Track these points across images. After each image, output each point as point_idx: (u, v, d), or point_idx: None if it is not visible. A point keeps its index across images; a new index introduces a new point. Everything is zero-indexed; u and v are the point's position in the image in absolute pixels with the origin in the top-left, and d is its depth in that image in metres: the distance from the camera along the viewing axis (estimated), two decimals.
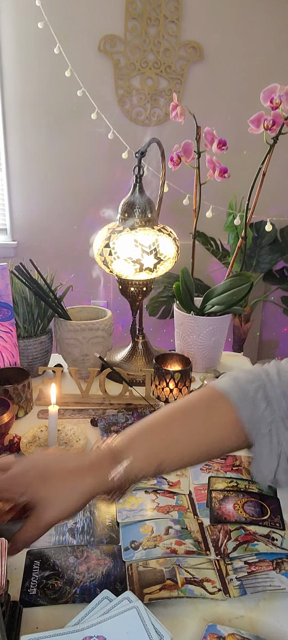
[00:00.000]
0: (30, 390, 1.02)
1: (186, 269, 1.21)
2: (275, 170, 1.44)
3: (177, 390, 1.04)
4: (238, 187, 1.88)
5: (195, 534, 0.70)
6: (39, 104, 2.49)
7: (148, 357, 1.21)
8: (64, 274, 1.30)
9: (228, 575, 0.63)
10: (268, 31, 2.44)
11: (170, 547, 0.67)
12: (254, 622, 0.58)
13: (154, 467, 0.61)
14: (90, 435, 0.94)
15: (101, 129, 2.35)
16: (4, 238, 2.68)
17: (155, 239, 1.05)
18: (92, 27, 2.39)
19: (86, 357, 1.12)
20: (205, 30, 2.42)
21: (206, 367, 1.21)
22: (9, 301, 1.06)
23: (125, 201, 1.09)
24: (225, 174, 1.18)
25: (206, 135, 1.19)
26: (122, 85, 2.47)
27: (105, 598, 0.57)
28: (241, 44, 2.46)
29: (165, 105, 2.51)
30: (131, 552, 0.66)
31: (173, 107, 1.22)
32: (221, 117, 2.48)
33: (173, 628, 0.56)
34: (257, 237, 2.48)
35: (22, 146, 2.55)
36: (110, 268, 1.08)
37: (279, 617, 0.59)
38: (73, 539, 0.69)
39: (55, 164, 2.59)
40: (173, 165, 1.21)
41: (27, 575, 0.63)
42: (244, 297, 1.16)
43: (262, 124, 1.11)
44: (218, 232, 2.41)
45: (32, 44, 2.39)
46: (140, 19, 2.38)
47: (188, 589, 0.61)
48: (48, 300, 1.12)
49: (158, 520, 0.72)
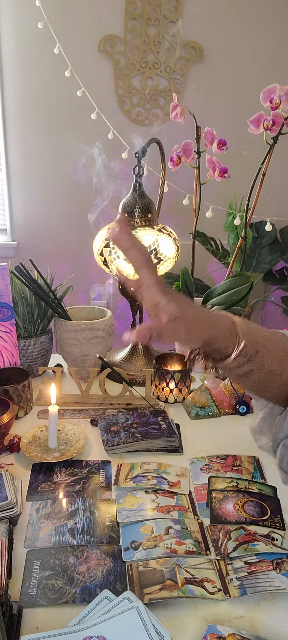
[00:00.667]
0: (30, 390, 1.02)
1: (186, 269, 1.21)
2: (275, 170, 1.44)
3: (177, 390, 1.04)
4: (238, 187, 1.88)
5: (195, 534, 0.70)
6: (39, 104, 2.49)
7: (148, 357, 1.21)
8: (64, 274, 1.30)
9: (228, 575, 0.63)
10: (268, 31, 2.44)
11: (170, 547, 0.67)
12: (254, 622, 0.58)
13: (251, 353, 0.63)
14: (90, 435, 0.94)
15: (101, 129, 2.35)
16: (4, 238, 2.68)
17: (155, 239, 1.05)
18: (92, 27, 2.39)
19: (86, 357, 1.12)
20: (205, 30, 2.42)
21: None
22: (9, 301, 1.06)
23: (125, 201, 1.09)
24: (225, 174, 1.18)
25: (206, 135, 1.19)
26: (122, 85, 2.47)
27: (105, 598, 0.57)
28: (241, 44, 2.46)
29: (165, 106, 2.51)
30: (131, 552, 0.66)
31: (173, 107, 1.22)
32: (221, 117, 2.48)
33: (173, 628, 0.56)
34: (257, 237, 2.48)
35: (22, 146, 2.55)
36: (110, 268, 1.08)
37: (279, 617, 0.59)
38: (73, 539, 0.69)
39: (55, 164, 2.59)
40: (173, 165, 1.21)
41: (27, 576, 0.63)
42: (244, 297, 1.16)
43: (262, 124, 1.11)
44: (218, 232, 2.41)
45: (32, 44, 2.39)
46: (140, 19, 2.38)
47: (188, 589, 0.61)
48: (48, 300, 1.12)
49: (158, 520, 0.72)
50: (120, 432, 0.92)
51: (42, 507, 0.75)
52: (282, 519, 0.73)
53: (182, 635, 0.56)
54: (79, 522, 0.72)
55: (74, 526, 0.71)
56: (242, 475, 0.84)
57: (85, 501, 0.76)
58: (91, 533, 0.70)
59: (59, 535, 0.69)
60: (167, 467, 0.85)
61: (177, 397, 1.05)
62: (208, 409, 1.03)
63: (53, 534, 0.69)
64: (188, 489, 0.80)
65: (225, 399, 1.05)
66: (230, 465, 0.86)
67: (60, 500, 0.77)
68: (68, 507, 0.75)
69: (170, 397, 1.05)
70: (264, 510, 0.74)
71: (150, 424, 0.95)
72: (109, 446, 0.89)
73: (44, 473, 0.83)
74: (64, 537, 0.69)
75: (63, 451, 0.87)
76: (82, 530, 0.71)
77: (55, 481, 0.81)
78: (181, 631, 0.57)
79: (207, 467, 0.86)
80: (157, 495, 0.78)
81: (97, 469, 0.85)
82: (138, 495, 0.78)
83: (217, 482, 0.81)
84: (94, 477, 0.83)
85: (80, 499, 0.77)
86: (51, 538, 0.69)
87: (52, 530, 0.70)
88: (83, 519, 0.73)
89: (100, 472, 0.84)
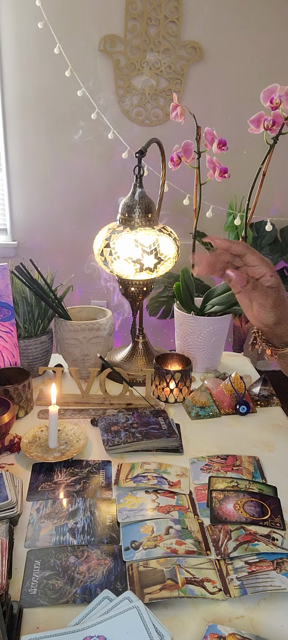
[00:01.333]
0: (30, 390, 1.02)
1: (186, 269, 1.21)
2: (275, 170, 1.44)
3: (177, 390, 1.04)
4: (239, 187, 1.88)
5: (195, 533, 0.70)
6: (39, 104, 2.49)
7: (148, 357, 1.21)
8: (64, 273, 1.30)
9: (228, 575, 0.63)
10: (269, 31, 2.44)
11: (171, 547, 0.67)
12: (255, 622, 0.58)
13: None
14: (90, 435, 0.94)
15: (101, 129, 2.35)
16: (4, 238, 2.68)
17: (156, 239, 1.05)
18: (92, 27, 2.39)
19: (86, 357, 1.12)
20: (205, 30, 2.43)
21: (206, 367, 1.21)
22: (9, 301, 1.06)
23: (126, 201, 1.09)
24: (225, 174, 1.18)
25: (206, 135, 1.19)
26: (122, 85, 2.47)
27: (106, 598, 0.57)
28: (241, 44, 2.46)
29: (165, 106, 2.51)
30: (131, 552, 0.66)
31: (173, 107, 1.22)
32: (221, 117, 2.48)
33: (173, 628, 0.56)
34: (257, 237, 2.49)
35: (22, 146, 2.56)
36: (111, 268, 1.08)
37: (280, 617, 0.59)
38: (73, 539, 0.69)
39: (55, 163, 2.59)
40: (174, 165, 1.21)
41: (28, 576, 0.63)
42: None
43: (262, 124, 1.11)
44: (219, 232, 2.41)
45: (32, 44, 2.39)
46: (141, 19, 2.38)
47: (188, 589, 0.61)
48: (48, 300, 1.12)
49: (158, 520, 0.72)
50: (120, 432, 0.92)
51: (43, 507, 0.75)
52: (282, 519, 0.73)
53: (182, 635, 0.56)
54: (79, 521, 0.72)
55: (74, 526, 0.71)
56: (242, 475, 0.84)
57: (85, 501, 0.77)
58: (91, 533, 0.70)
59: (59, 535, 0.69)
60: (167, 467, 0.85)
61: (177, 397, 1.05)
62: (208, 409, 1.03)
63: (53, 534, 0.69)
64: (189, 489, 0.80)
65: (225, 399, 1.05)
66: (231, 465, 0.86)
67: (61, 500, 0.77)
68: (68, 507, 0.75)
69: (170, 397, 1.05)
70: (264, 510, 0.74)
71: (150, 424, 0.95)
72: (109, 446, 0.89)
73: (44, 473, 0.83)
74: (64, 537, 0.69)
75: (63, 451, 0.87)
76: (82, 530, 0.71)
77: (56, 481, 0.81)
78: (181, 631, 0.57)
79: (207, 467, 0.86)
80: (157, 495, 0.78)
81: (98, 469, 0.85)
82: (138, 495, 0.78)
83: (218, 482, 0.81)
84: (94, 477, 0.83)
85: (81, 498, 0.77)
86: (51, 538, 0.69)
87: (53, 530, 0.70)
88: (83, 519, 0.73)
89: (101, 472, 0.84)
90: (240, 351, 2.44)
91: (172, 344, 1.29)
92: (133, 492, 0.78)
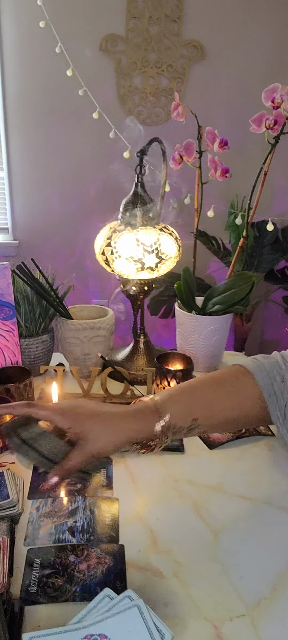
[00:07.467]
0: (31, 389, 1.02)
1: (187, 268, 1.21)
2: (276, 169, 1.44)
3: None
4: (240, 186, 1.88)
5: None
6: (41, 103, 2.49)
7: (149, 357, 1.21)
8: (65, 272, 1.30)
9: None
10: (270, 30, 2.44)
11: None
12: (255, 622, 0.58)
13: (188, 425, 0.67)
14: None
15: (102, 128, 2.35)
16: (6, 237, 2.69)
17: (157, 238, 1.05)
18: (94, 26, 2.39)
19: (87, 356, 1.12)
20: (206, 29, 2.42)
21: (207, 366, 1.21)
22: (11, 300, 1.07)
23: (127, 200, 1.09)
24: (226, 173, 1.18)
25: (208, 135, 1.19)
26: (123, 84, 2.47)
27: (107, 596, 0.57)
28: (243, 43, 2.46)
29: (167, 105, 2.51)
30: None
31: (174, 107, 1.22)
32: (223, 116, 2.48)
33: (174, 627, 0.56)
34: (259, 237, 2.48)
35: (23, 145, 2.56)
36: (112, 267, 1.08)
37: (280, 617, 0.59)
38: (73, 537, 0.69)
39: (56, 163, 2.59)
40: (175, 165, 1.21)
41: (28, 574, 0.63)
42: (245, 297, 1.16)
43: (264, 124, 1.11)
44: (220, 232, 2.41)
45: (33, 43, 2.39)
46: (142, 18, 2.38)
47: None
48: (49, 299, 1.12)
49: None
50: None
51: (42, 505, 0.75)
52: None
53: (182, 635, 0.56)
54: (78, 520, 0.72)
55: (74, 525, 0.71)
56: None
57: (85, 500, 0.77)
58: (91, 532, 0.70)
59: (59, 533, 0.69)
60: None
61: None
62: None
63: (53, 533, 0.70)
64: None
65: None
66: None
67: (61, 498, 0.77)
68: (68, 506, 0.75)
69: None
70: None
71: None
72: None
73: (45, 472, 0.83)
74: (63, 535, 0.69)
75: None
76: (82, 528, 0.71)
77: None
78: (182, 630, 0.57)
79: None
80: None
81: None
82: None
83: None
84: (95, 476, 0.83)
85: (81, 497, 0.77)
86: (51, 536, 0.69)
87: (52, 528, 0.70)
88: (83, 518, 0.73)
89: (101, 471, 0.84)
90: (241, 350, 2.44)
91: (173, 343, 1.29)
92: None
